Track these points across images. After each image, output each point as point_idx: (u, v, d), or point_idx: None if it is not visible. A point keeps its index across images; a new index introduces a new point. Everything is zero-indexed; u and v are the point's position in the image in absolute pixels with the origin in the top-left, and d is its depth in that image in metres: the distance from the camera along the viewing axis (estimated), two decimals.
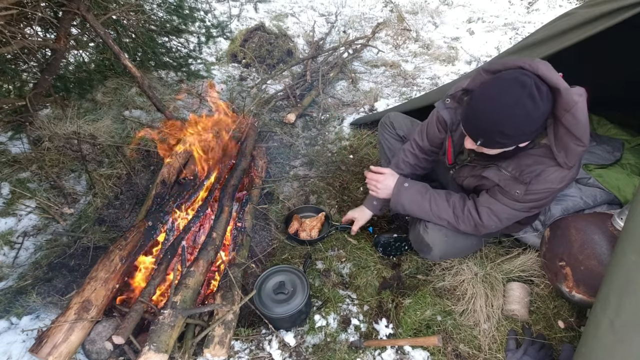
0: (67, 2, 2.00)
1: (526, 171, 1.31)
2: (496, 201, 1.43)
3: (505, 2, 5.30)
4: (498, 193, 1.42)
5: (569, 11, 1.67)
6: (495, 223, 1.46)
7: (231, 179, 2.09)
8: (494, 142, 1.22)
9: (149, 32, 2.76)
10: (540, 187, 1.31)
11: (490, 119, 1.16)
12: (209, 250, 1.67)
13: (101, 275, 1.51)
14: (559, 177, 1.28)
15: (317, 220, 2.03)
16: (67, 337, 1.33)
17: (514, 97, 1.12)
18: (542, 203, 1.38)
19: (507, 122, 1.14)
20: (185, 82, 3.26)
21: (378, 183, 1.65)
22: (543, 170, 1.29)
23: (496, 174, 1.39)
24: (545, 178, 1.29)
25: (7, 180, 2.11)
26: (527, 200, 1.36)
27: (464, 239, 1.67)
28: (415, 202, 1.58)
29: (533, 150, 1.31)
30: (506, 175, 1.36)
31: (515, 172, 1.34)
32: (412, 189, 1.61)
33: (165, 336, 1.31)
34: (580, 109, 1.14)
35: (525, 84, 1.11)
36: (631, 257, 1.05)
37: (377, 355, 1.54)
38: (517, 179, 1.34)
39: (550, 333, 1.60)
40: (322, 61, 3.75)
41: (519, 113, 1.12)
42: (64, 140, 2.34)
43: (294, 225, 2.03)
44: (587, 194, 1.93)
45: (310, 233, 1.97)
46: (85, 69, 2.76)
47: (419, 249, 1.78)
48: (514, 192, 1.36)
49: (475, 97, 1.20)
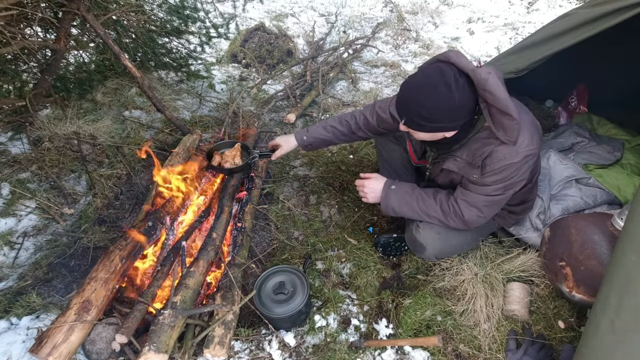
0: (67, 2, 2.00)
1: (477, 155, 1.38)
2: (468, 191, 1.47)
3: (505, 2, 5.30)
4: (468, 183, 1.47)
5: (569, 11, 1.67)
6: (476, 214, 1.48)
7: (231, 180, 2.10)
8: (414, 123, 1.31)
9: (149, 32, 2.76)
10: (496, 165, 1.35)
11: (411, 100, 1.28)
12: (208, 250, 1.67)
13: (101, 276, 1.51)
14: (512, 152, 1.32)
15: (235, 149, 2.14)
16: (67, 337, 1.33)
17: (431, 84, 1.23)
18: (511, 181, 1.40)
19: (424, 105, 1.25)
20: (185, 82, 3.26)
21: (364, 187, 1.64)
22: (492, 150, 1.34)
23: (454, 164, 1.46)
24: (498, 156, 1.34)
25: (7, 181, 2.11)
26: (491, 181, 1.39)
27: (456, 236, 1.66)
28: (404, 202, 1.58)
29: (479, 134, 1.38)
30: (462, 163, 1.43)
31: (468, 158, 1.41)
32: (400, 190, 1.60)
33: (165, 336, 1.31)
34: (492, 84, 1.20)
35: (444, 73, 1.22)
36: (631, 257, 1.05)
37: (377, 355, 1.54)
38: (470, 163, 1.41)
39: (551, 333, 1.60)
40: (322, 61, 3.75)
41: (434, 98, 1.23)
42: (64, 141, 2.34)
43: (216, 159, 2.10)
44: (587, 194, 1.93)
45: (234, 161, 2.07)
46: (85, 69, 2.76)
47: (413, 249, 1.78)
48: (472, 177, 1.42)
49: (404, 83, 1.32)
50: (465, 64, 1.23)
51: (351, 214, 2.18)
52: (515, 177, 1.39)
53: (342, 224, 2.12)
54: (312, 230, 2.08)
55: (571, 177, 2.00)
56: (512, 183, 1.41)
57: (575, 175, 2.00)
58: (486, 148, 1.35)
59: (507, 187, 1.42)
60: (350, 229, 2.09)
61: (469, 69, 1.22)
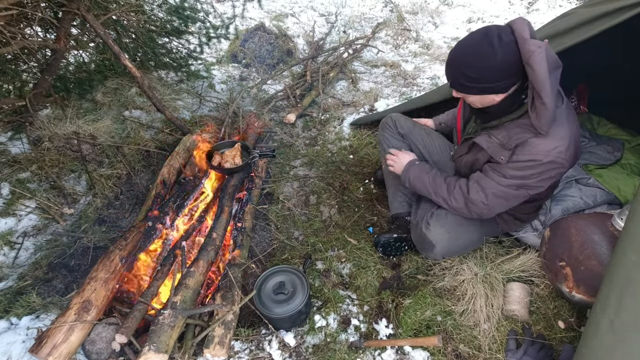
0: (67, 2, 2.00)
1: (513, 138, 1.37)
2: (485, 176, 1.49)
3: (505, 2, 5.30)
4: (488, 170, 1.48)
5: (569, 11, 1.67)
6: (482, 199, 1.49)
7: (231, 180, 2.10)
8: (461, 85, 1.34)
9: (149, 32, 2.76)
10: (524, 157, 1.35)
11: (455, 61, 1.31)
12: (209, 250, 1.67)
13: (101, 276, 1.51)
14: (543, 150, 1.32)
15: (235, 149, 2.20)
16: (67, 337, 1.33)
17: (474, 43, 1.26)
18: (529, 182, 1.40)
19: (467, 64, 1.27)
20: (185, 82, 3.26)
21: (396, 158, 1.80)
22: (528, 139, 1.34)
23: (485, 140, 1.46)
24: (529, 149, 1.34)
25: (7, 181, 2.11)
26: (511, 175, 1.40)
27: (465, 234, 1.68)
28: (418, 177, 1.69)
29: (521, 120, 1.37)
30: (494, 142, 1.43)
31: (503, 139, 1.41)
32: (420, 166, 1.73)
33: (165, 336, 1.31)
34: (537, 59, 1.16)
35: (488, 33, 1.23)
36: (631, 258, 1.05)
37: (377, 355, 1.54)
38: (503, 145, 1.40)
39: (551, 333, 1.60)
40: (322, 61, 3.75)
41: (476, 57, 1.24)
42: (64, 141, 2.34)
43: (216, 159, 2.15)
44: (587, 194, 1.93)
45: (234, 161, 2.13)
46: (85, 69, 2.76)
47: (421, 248, 1.78)
48: (498, 158, 1.41)
49: (453, 47, 1.34)
50: (521, 32, 1.19)
51: (351, 214, 2.18)
52: (534, 179, 1.38)
53: (342, 224, 2.12)
54: (312, 230, 2.08)
55: (571, 178, 2.00)
56: (529, 185, 1.41)
57: (575, 176, 2.00)
58: (524, 134, 1.34)
59: (522, 186, 1.42)
60: (350, 229, 2.09)
61: (521, 37, 1.19)
